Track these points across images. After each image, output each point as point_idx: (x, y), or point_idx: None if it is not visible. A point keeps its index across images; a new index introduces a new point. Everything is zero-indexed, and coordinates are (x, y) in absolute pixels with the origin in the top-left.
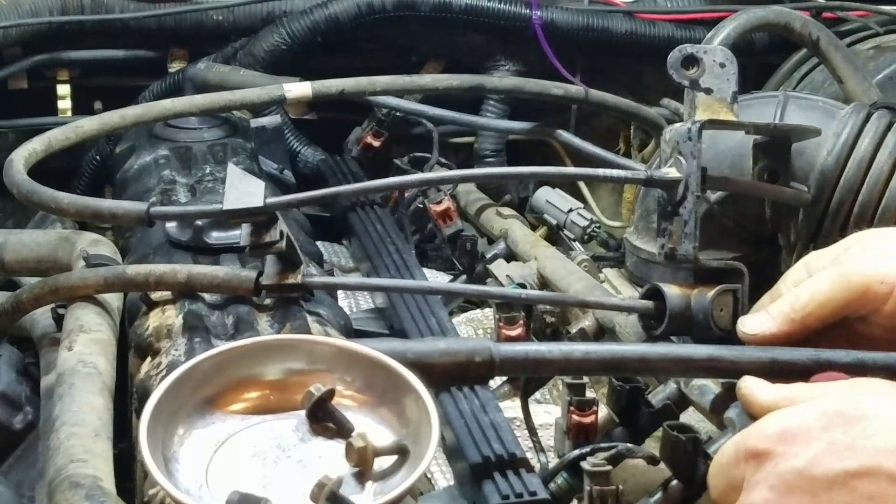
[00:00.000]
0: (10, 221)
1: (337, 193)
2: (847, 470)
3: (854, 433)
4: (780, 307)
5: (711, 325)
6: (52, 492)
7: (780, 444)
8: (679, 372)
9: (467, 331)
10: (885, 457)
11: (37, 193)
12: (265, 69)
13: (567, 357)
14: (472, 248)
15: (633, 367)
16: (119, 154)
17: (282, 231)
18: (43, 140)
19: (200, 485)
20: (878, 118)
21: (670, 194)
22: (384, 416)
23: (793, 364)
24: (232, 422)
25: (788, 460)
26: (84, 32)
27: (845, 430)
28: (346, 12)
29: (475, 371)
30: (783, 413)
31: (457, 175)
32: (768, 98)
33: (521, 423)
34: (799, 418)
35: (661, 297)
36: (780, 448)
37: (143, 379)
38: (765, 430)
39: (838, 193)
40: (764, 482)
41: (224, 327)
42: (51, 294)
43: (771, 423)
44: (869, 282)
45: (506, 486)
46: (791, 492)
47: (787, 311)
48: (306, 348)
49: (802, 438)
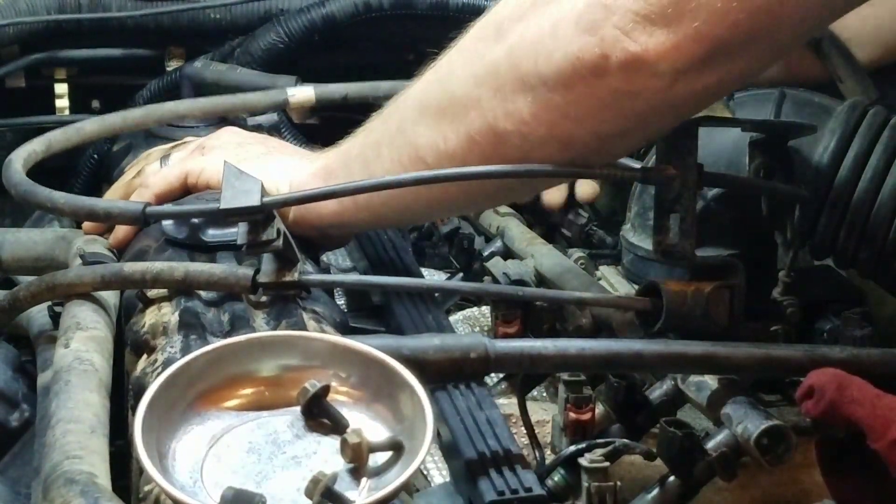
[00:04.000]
0: (8, 220)
1: (334, 192)
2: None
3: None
4: None
5: (708, 321)
6: (47, 488)
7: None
8: (675, 368)
9: (464, 328)
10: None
11: (33, 193)
12: (262, 67)
13: (562, 353)
14: (468, 246)
15: (629, 363)
16: (116, 153)
17: (279, 229)
18: (43, 141)
19: (195, 481)
20: (873, 115)
21: (666, 191)
22: (379, 413)
23: (788, 360)
24: (227, 418)
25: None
26: (81, 31)
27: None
28: (343, 11)
29: (470, 367)
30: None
31: (453, 173)
32: (764, 95)
33: (518, 420)
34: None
35: (657, 294)
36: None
37: (139, 376)
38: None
39: (834, 190)
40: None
41: (220, 324)
42: (48, 292)
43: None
44: None
45: (501, 482)
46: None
47: None
48: (301, 344)
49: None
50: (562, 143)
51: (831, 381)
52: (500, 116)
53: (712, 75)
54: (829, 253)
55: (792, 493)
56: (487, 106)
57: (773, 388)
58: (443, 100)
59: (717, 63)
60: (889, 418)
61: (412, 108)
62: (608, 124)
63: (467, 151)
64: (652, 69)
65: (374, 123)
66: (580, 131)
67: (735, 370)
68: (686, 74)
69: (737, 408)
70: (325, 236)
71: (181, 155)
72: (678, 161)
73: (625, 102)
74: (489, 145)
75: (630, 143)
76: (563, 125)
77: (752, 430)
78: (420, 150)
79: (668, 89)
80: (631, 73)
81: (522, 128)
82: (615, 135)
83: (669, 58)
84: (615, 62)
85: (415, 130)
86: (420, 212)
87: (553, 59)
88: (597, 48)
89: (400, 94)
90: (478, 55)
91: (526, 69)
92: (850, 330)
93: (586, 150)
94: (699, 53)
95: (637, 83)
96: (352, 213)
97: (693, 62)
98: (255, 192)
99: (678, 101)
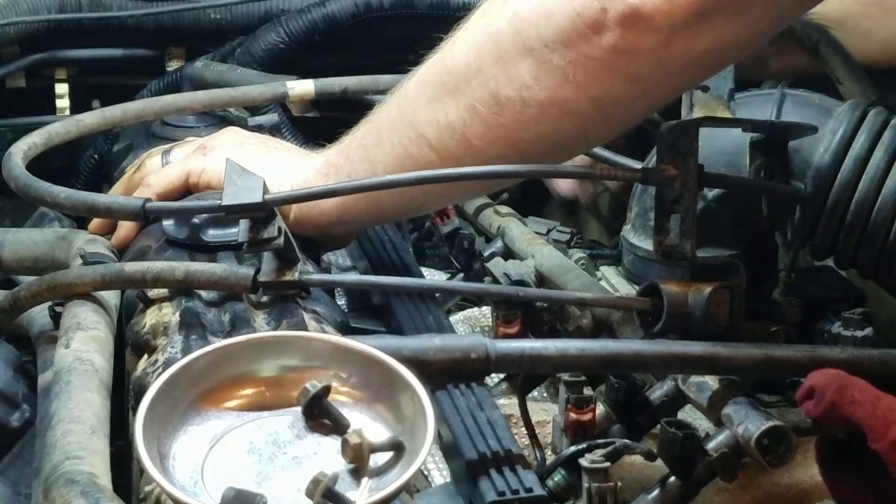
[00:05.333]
0: (8, 220)
1: (335, 190)
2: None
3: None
4: None
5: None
6: (47, 488)
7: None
8: (676, 368)
9: (465, 329)
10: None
11: (33, 187)
12: (263, 68)
13: (563, 354)
14: (469, 246)
15: (629, 364)
16: (117, 153)
17: (280, 227)
18: (43, 133)
19: (196, 481)
20: (874, 116)
21: (667, 192)
22: (380, 413)
23: (788, 360)
24: (227, 418)
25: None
26: (82, 31)
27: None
28: (343, 11)
29: (471, 367)
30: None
31: (454, 173)
32: (765, 95)
33: (518, 421)
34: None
35: (658, 294)
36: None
37: (139, 376)
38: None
39: (834, 191)
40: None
41: (220, 324)
42: (48, 292)
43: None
44: None
45: (502, 482)
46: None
47: None
48: (302, 345)
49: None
50: (561, 110)
51: (832, 381)
52: (502, 82)
53: (709, 35)
54: (830, 253)
55: (792, 493)
56: (489, 73)
57: (773, 388)
58: (443, 74)
59: (714, 21)
60: (889, 419)
61: (413, 90)
62: (605, 88)
63: (468, 122)
64: (649, 24)
65: (375, 114)
66: (579, 96)
67: (735, 371)
68: (683, 32)
69: (737, 408)
70: (326, 235)
71: (183, 153)
72: (679, 161)
73: (622, 63)
74: (490, 114)
75: (626, 115)
76: (563, 90)
77: (752, 431)
78: (420, 127)
79: (664, 47)
80: (629, 27)
81: (524, 93)
82: (612, 101)
83: (666, 11)
84: (613, 16)
85: (414, 109)
86: (423, 202)
87: (554, 18)
88: (596, 2)
89: (401, 82)
90: (481, 28)
91: (528, 33)
92: (850, 330)
93: (584, 119)
94: (696, 9)
95: (634, 40)
96: (353, 207)
97: (690, 18)
98: (257, 190)
99: (674, 65)
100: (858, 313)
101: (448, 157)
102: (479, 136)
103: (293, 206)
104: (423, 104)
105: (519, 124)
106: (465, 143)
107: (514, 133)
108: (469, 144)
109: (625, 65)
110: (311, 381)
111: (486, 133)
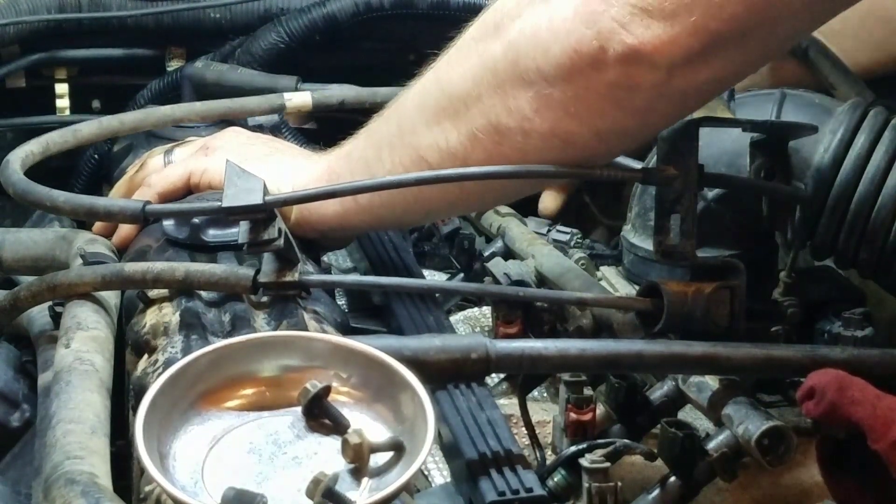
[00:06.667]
0: (8, 221)
1: (335, 191)
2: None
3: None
4: None
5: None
6: (48, 488)
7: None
8: (676, 369)
9: (465, 329)
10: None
11: (32, 192)
12: (263, 68)
13: (563, 354)
14: (469, 247)
15: (630, 364)
16: (117, 153)
17: (280, 229)
18: (41, 142)
19: (196, 481)
20: (874, 115)
21: (667, 192)
22: (380, 413)
23: (788, 360)
24: (228, 418)
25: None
26: (82, 31)
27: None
28: (344, 10)
29: (471, 368)
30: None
31: (453, 174)
32: (765, 95)
33: (519, 421)
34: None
35: (658, 294)
36: None
37: (139, 376)
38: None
39: (835, 191)
40: None
41: (221, 324)
42: (48, 292)
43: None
44: None
45: (502, 482)
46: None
47: None
48: (302, 345)
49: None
50: (563, 141)
51: (832, 381)
52: (502, 113)
53: (709, 69)
54: (830, 253)
55: (792, 493)
56: (489, 103)
57: (773, 388)
58: (441, 99)
59: (714, 57)
60: (889, 419)
61: (412, 109)
62: (608, 121)
63: (469, 149)
64: (649, 62)
65: (376, 125)
66: (581, 129)
67: (736, 371)
68: (683, 68)
69: (737, 408)
70: (326, 238)
71: (185, 153)
72: (679, 161)
73: (623, 97)
74: (491, 143)
75: (629, 142)
76: (565, 122)
77: (752, 431)
78: (421, 149)
79: (665, 83)
80: (628, 65)
81: (525, 124)
82: (615, 132)
83: (666, 51)
84: (613, 55)
85: (414, 131)
86: (421, 212)
87: (551, 52)
88: (594, 41)
89: (399, 95)
90: (476, 53)
91: (525, 65)
92: (850, 330)
93: (586, 149)
94: (696, 47)
95: (635, 76)
96: (354, 214)
97: (690, 56)
98: (257, 191)
99: (675, 96)
100: (858, 313)
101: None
102: (482, 164)
103: (294, 208)
104: (423, 125)
105: (521, 154)
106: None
107: (517, 162)
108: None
109: (626, 98)
110: (312, 381)
111: (488, 161)
